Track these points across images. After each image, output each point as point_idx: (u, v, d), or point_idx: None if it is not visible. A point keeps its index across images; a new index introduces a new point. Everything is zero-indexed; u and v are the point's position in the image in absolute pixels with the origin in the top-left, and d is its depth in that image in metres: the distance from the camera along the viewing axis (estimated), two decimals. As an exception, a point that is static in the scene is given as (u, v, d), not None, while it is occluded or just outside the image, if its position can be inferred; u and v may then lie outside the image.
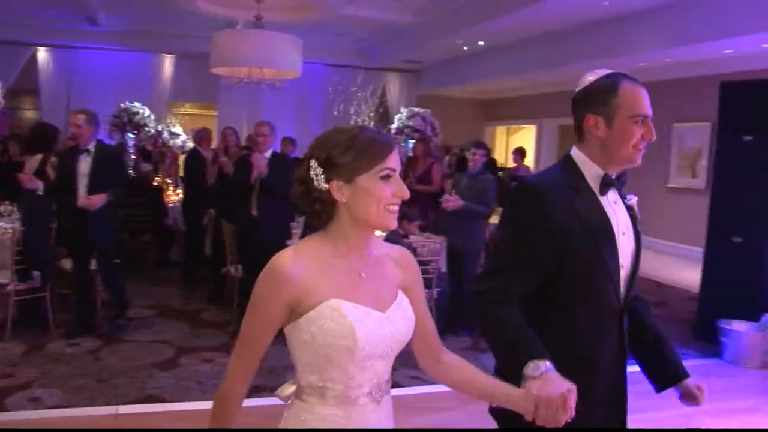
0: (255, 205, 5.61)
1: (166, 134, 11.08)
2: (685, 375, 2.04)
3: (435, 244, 5.94)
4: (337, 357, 1.52)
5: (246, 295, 5.76)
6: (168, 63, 13.92)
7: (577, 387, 1.69)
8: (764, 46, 8.04)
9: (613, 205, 1.95)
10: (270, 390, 4.48)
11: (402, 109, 10.98)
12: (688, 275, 6.49)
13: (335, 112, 8.04)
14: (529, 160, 14.07)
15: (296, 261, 1.54)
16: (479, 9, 9.51)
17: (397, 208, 1.57)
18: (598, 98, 1.89)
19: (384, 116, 11.91)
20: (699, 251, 6.46)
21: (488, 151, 6.76)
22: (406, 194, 1.57)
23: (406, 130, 9.93)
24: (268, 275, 1.54)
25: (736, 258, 5.94)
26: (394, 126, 10.41)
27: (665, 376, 2.06)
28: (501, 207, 9.16)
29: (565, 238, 1.83)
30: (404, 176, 8.01)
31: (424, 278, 5.70)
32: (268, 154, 5.69)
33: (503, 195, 9.25)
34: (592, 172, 1.93)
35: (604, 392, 1.94)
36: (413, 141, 9.53)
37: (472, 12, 9.71)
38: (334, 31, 11.99)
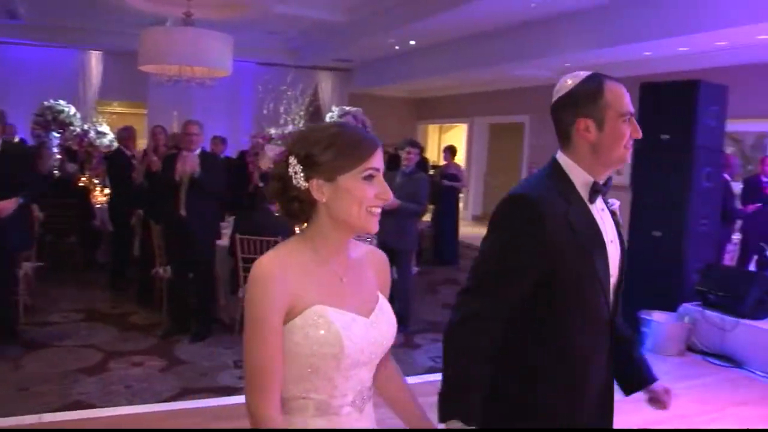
0: (183, 205, 5.53)
1: (92, 133, 10.78)
2: (653, 379, 2.04)
3: (367, 243, 5.97)
4: (323, 366, 1.45)
5: (175, 296, 5.66)
6: (95, 60, 13.56)
7: (568, 401, 1.73)
8: (681, 49, 8.40)
9: (600, 212, 1.89)
10: (198, 392, 4.49)
11: (333, 108, 10.99)
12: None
13: (265, 111, 7.99)
14: (461, 158, 14.28)
15: (280, 263, 1.45)
16: (410, 9, 9.60)
17: (379, 210, 1.49)
18: (585, 101, 1.83)
19: (315, 115, 11.89)
20: (622, 246, 6.69)
21: (422, 150, 6.84)
22: (390, 196, 1.49)
23: (338, 129, 9.92)
24: (258, 284, 1.43)
25: (656, 252, 6.19)
26: (325, 125, 10.40)
27: (633, 379, 2.04)
28: (433, 204, 9.35)
29: (557, 251, 1.75)
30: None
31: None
32: (197, 152, 5.62)
33: (435, 193, 9.41)
34: (580, 178, 1.86)
35: (594, 405, 1.88)
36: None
37: (403, 12, 9.79)
38: (266, 29, 11.90)
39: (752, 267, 7.47)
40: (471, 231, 13.23)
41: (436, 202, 9.65)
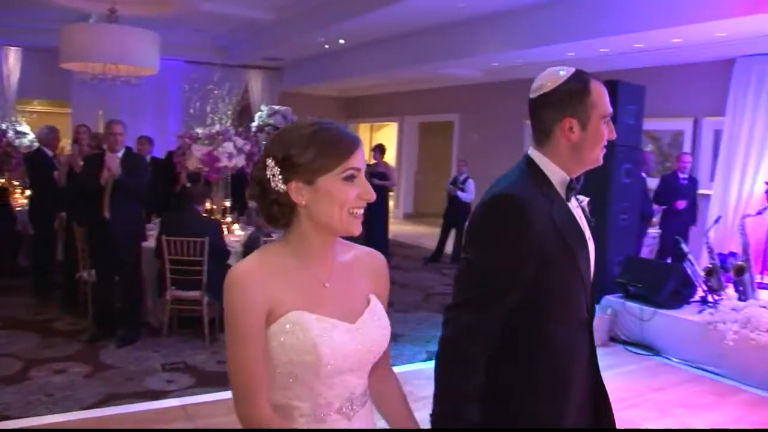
0: (107, 207, 5.40)
1: (11, 133, 10.36)
2: None
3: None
4: (301, 374, 1.40)
5: (100, 300, 5.53)
6: (13, 56, 13.05)
7: (551, 404, 1.70)
8: (602, 50, 8.68)
9: (576, 210, 1.85)
10: (124, 398, 4.40)
11: (263, 107, 10.90)
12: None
13: (191, 110, 7.86)
14: (391, 157, 14.39)
15: (257, 269, 1.41)
16: (339, 7, 9.60)
17: (361, 211, 1.44)
18: (572, 100, 1.77)
19: (244, 114, 11.76)
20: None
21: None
22: (372, 196, 1.44)
23: (266, 128, 9.86)
24: (234, 290, 1.38)
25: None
26: (254, 124, 10.32)
27: None
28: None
29: (546, 251, 1.70)
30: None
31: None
32: (120, 153, 5.50)
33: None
34: (557, 176, 1.80)
35: (579, 405, 1.83)
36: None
37: (332, 10, 9.79)
38: (193, 27, 11.70)
39: (669, 260, 7.79)
40: (402, 229, 13.36)
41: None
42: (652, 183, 8.34)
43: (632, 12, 7.31)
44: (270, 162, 1.43)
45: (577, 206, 1.86)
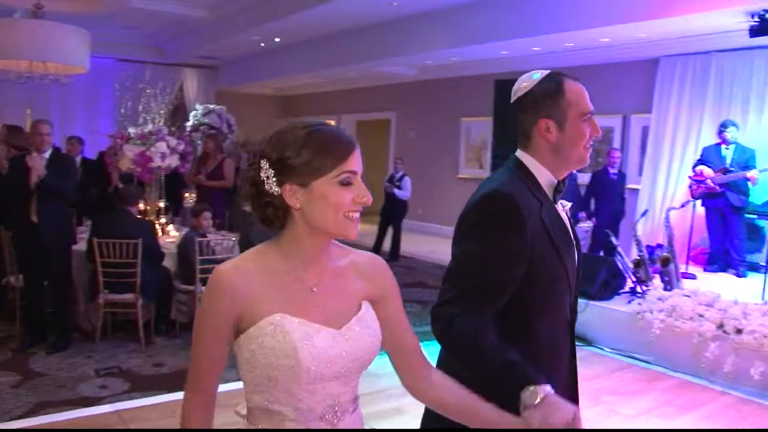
0: (35, 210, 5.24)
1: (-69, 134, 9.94)
2: None
3: (230, 242, 5.92)
4: (281, 377, 1.38)
5: (30, 306, 5.36)
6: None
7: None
8: (534, 49, 8.87)
9: (562, 211, 1.85)
10: (55, 406, 4.28)
11: (198, 106, 10.74)
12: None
13: (122, 110, 7.70)
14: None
15: (239, 271, 1.40)
16: (273, 5, 9.56)
17: (358, 215, 1.41)
18: (546, 101, 1.78)
19: (178, 113, 11.57)
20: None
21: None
22: (369, 200, 1.41)
23: (201, 128, 9.72)
24: (210, 288, 1.40)
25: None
26: (189, 124, 10.16)
27: None
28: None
29: (536, 250, 1.70)
30: (195, 172, 7.88)
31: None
32: (47, 154, 5.33)
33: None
34: (545, 178, 1.81)
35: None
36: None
37: (266, 8, 9.73)
38: (124, 24, 11.43)
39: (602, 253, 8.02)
40: (341, 227, 13.34)
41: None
42: (584, 179, 8.58)
43: (562, 12, 7.50)
44: (264, 164, 1.40)
45: (563, 209, 1.87)
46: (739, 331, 5.09)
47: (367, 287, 1.53)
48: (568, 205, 1.91)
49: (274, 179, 1.38)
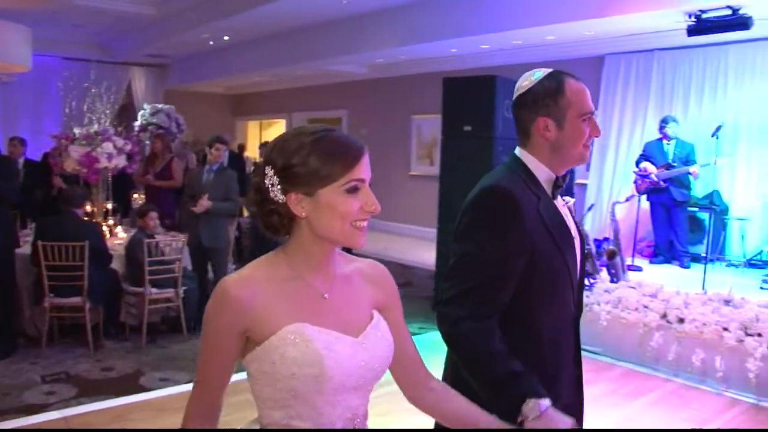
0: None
1: None
2: None
3: (179, 243, 5.85)
4: (303, 389, 1.32)
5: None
6: None
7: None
8: (483, 47, 8.97)
9: (563, 208, 1.87)
10: (0, 414, 4.18)
11: (146, 106, 10.56)
12: (429, 255, 7.07)
13: (67, 110, 7.54)
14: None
15: (245, 283, 1.35)
16: (221, 3, 9.45)
17: (365, 224, 1.36)
18: (545, 100, 1.78)
19: (126, 113, 11.36)
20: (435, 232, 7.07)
21: (242, 147, 6.78)
22: (377, 208, 1.36)
23: (150, 128, 9.57)
24: (214, 301, 1.34)
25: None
26: (137, 123, 9.99)
27: None
28: (243, 197, 9.22)
29: (535, 245, 1.71)
30: (144, 173, 7.77)
31: (169, 278, 5.54)
32: (-13, 156, 5.20)
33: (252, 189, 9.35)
34: (543, 174, 1.82)
35: (567, 403, 1.78)
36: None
37: (215, 6, 9.62)
38: (70, 21, 11.18)
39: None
40: (294, 226, 13.30)
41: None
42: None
43: (510, 10, 7.60)
44: (269, 170, 1.35)
45: (564, 205, 1.88)
46: (681, 321, 5.24)
47: (376, 295, 1.50)
48: (571, 201, 1.96)
49: (279, 187, 1.34)
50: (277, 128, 17.37)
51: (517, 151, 1.87)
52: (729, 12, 6.23)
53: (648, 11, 6.52)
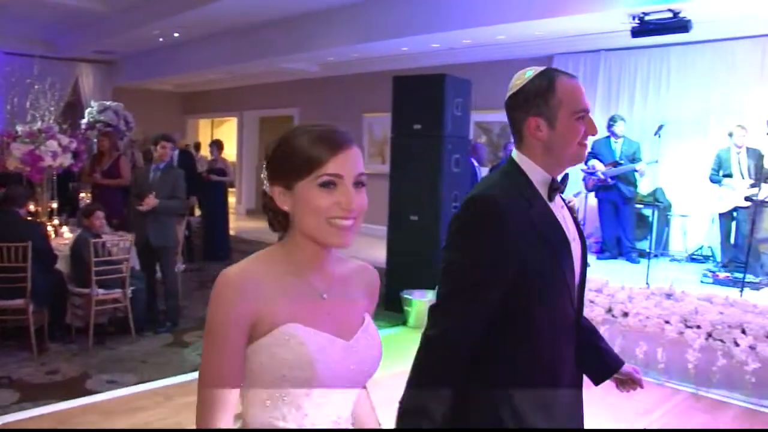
0: None
1: None
2: (621, 363, 2.01)
3: (127, 242, 5.76)
4: (292, 390, 1.30)
5: None
6: None
7: (539, 409, 1.67)
8: (433, 46, 9.04)
9: (560, 210, 1.81)
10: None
11: (93, 103, 10.34)
12: (380, 253, 7.10)
13: (9, 106, 7.34)
14: (232, 153, 14.17)
15: (247, 274, 1.32)
16: (171, 0, 9.33)
17: (346, 222, 1.31)
18: (536, 99, 1.75)
19: (73, 110, 11.11)
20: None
21: (197, 145, 6.70)
22: (354, 207, 1.31)
23: (98, 125, 9.37)
24: (219, 297, 1.28)
25: (413, 234, 6.65)
26: (84, 121, 9.78)
27: (603, 368, 2.00)
28: (194, 196, 9.16)
29: (524, 252, 1.67)
30: (91, 171, 7.63)
31: (117, 278, 5.45)
32: None
33: (203, 189, 9.30)
34: (538, 177, 1.77)
35: (565, 405, 1.82)
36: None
37: (165, 2, 9.48)
38: (13, 15, 10.86)
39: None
40: (245, 225, 13.21)
41: (205, 198, 9.56)
42: (485, 172, 8.82)
43: (460, 9, 7.68)
44: (265, 164, 1.37)
45: (562, 206, 1.84)
46: (625, 315, 5.37)
47: (366, 298, 1.50)
48: (575, 200, 1.87)
49: (266, 181, 1.36)
50: (228, 126, 17.22)
51: (514, 153, 1.84)
52: (670, 15, 6.42)
53: (594, 12, 6.68)
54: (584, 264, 1.86)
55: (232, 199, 12.87)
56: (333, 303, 1.39)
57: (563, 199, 1.86)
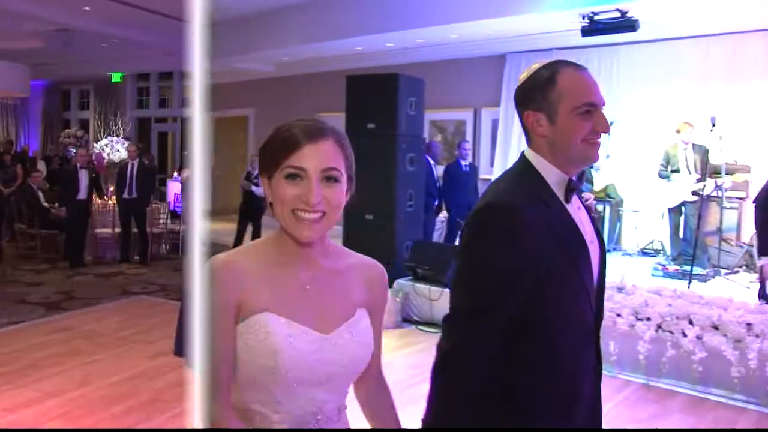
0: None
1: None
2: None
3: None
4: (260, 377, 1.33)
5: None
6: None
7: (559, 416, 1.60)
8: (387, 45, 9.06)
9: (577, 211, 1.69)
10: None
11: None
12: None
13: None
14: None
15: (234, 262, 1.36)
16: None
17: (309, 215, 1.32)
18: (535, 93, 1.63)
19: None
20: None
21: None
22: (311, 201, 1.31)
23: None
24: (210, 281, 1.29)
25: (369, 233, 6.65)
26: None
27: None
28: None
29: (543, 260, 1.56)
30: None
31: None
32: None
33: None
34: (553, 177, 1.65)
35: (585, 413, 1.72)
36: None
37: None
38: None
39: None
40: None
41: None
42: (442, 171, 8.86)
43: (414, 8, 7.73)
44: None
45: (579, 207, 1.71)
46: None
47: (365, 294, 1.49)
48: (591, 197, 1.75)
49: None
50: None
51: (526, 150, 1.71)
52: (618, 14, 6.56)
53: (546, 12, 6.78)
54: (603, 266, 1.76)
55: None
56: (315, 295, 1.40)
57: (580, 199, 1.75)
